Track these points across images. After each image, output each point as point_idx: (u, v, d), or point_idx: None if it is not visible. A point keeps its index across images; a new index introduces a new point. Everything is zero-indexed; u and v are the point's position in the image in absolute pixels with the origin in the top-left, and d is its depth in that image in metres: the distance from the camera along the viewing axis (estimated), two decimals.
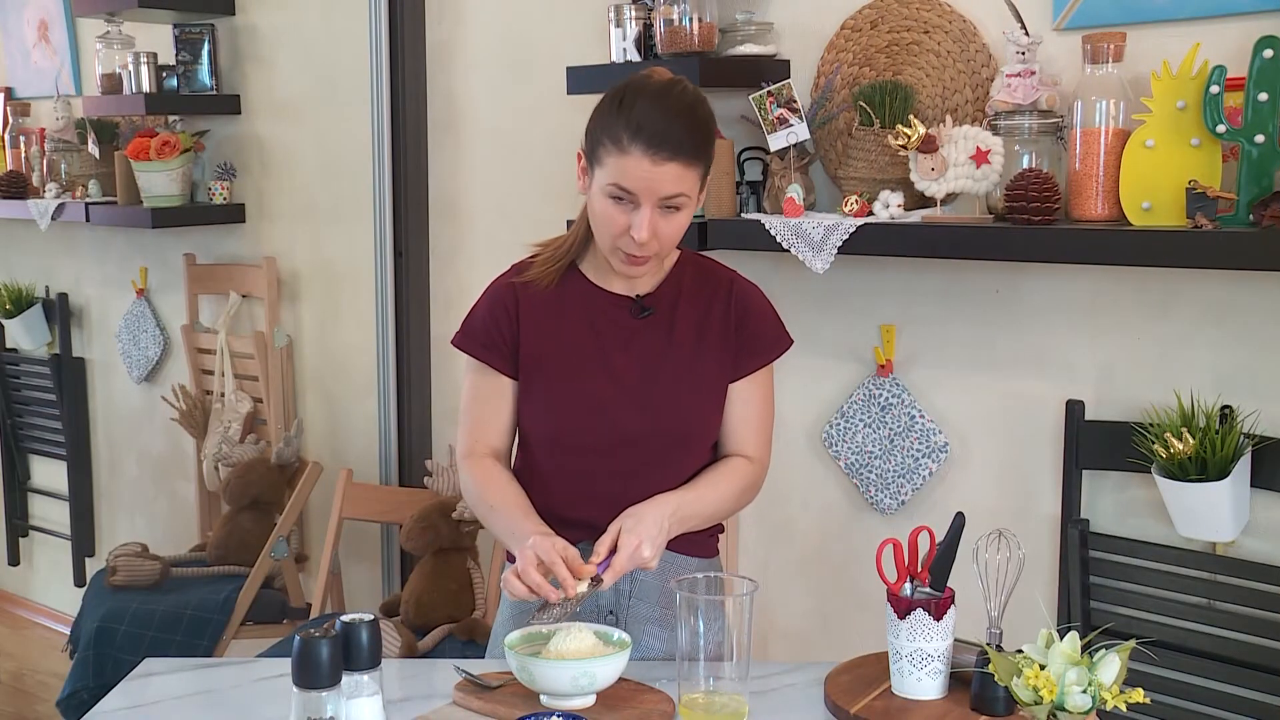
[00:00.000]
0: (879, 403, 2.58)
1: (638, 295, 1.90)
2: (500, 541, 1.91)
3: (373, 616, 1.42)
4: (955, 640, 1.67)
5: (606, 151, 1.76)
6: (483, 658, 2.15)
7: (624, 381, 1.87)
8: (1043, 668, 1.46)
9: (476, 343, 1.92)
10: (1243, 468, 2.09)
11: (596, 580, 1.74)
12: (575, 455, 1.88)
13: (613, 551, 1.75)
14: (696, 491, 1.88)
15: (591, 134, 1.80)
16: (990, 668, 1.52)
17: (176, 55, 3.77)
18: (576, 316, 1.90)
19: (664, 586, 1.91)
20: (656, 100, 1.76)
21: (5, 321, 4.57)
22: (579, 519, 1.87)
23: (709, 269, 1.96)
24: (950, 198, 2.28)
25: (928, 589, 1.67)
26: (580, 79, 2.70)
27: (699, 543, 1.95)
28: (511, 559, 1.86)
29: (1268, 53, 1.94)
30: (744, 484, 1.93)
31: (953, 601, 1.65)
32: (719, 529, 2.01)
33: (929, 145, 2.25)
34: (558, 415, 1.88)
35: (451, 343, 1.97)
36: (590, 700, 1.66)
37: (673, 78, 1.82)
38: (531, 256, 1.96)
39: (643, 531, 1.77)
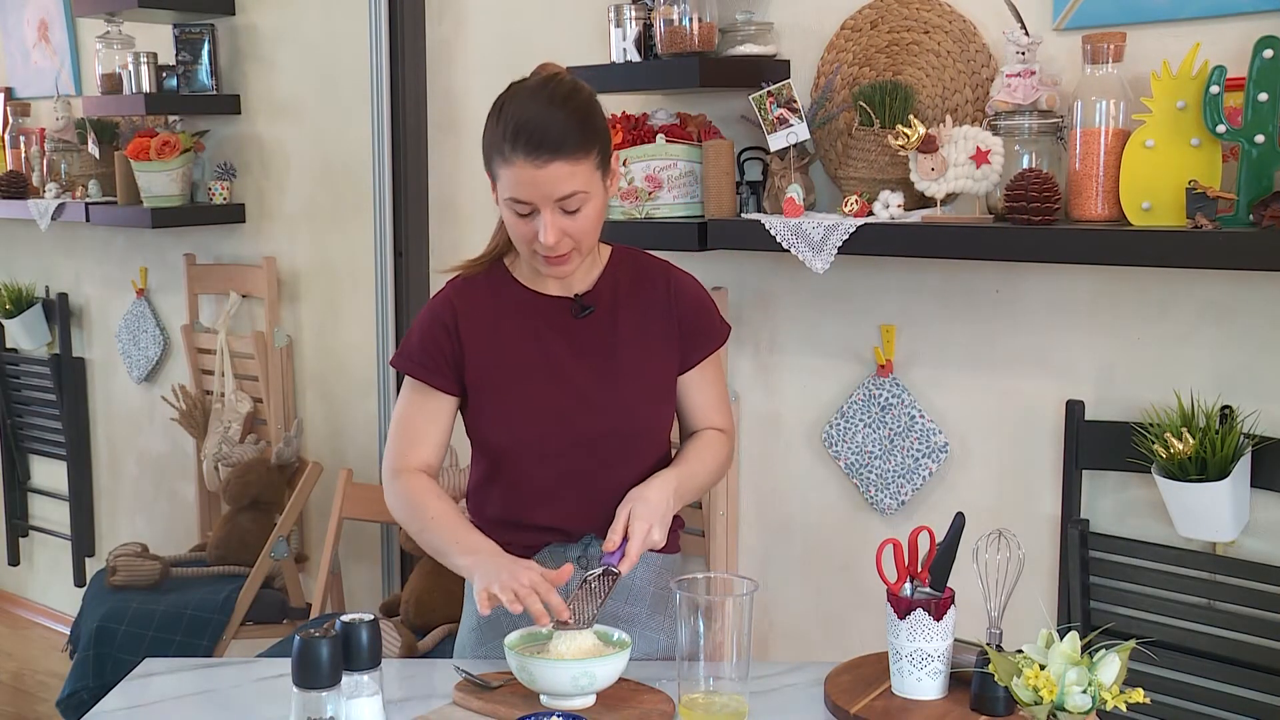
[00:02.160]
0: (879, 403, 2.58)
1: (576, 295, 1.90)
2: (434, 553, 1.86)
3: (373, 616, 1.42)
4: (955, 640, 1.67)
5: (496, 165, 1.76)
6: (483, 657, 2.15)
7: (574, 385, 1.87)
8: (1043, 668, 1.46)
9: (414, 362, 1.90)
10: (1243, 468, 2.09)
11: (613, 574, 1.74)
12: (534, 462, 1.88)
13: (625, 539, 1.76)
14: (689, 467, 1.90)
15: (484, 150, 1.79)
16: (990, 668, 1.52)
17: (176, 55, 3.78)
18: (517, 324, 1.88)
19: (634, 586, 1.92)
20: (529, 101, 1.74)
21: (5, 321, 4.57)
22: (543, 524, 1.89)
23: (644, 262, 1.96)
24: (950, 198, 2.28)
25: (928, 589, 1.67)
26: (580, 79, 2.70)
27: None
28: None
29: (1268, 53, 1.94)
30: (723, 454, 1.98)
31: (953, 601, 1.65)
32: (680, 523, 2.02)
33: (929, 145, 2.25)
34: (512, 425, 1.87)
35: (390, 363, 1.96)
36: (590, 700, 1.67)
37: (549, 74, 1.80)
38: (460, 274, 1.94)
39: (651, 515, 1.78)
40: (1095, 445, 2.29)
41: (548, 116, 1.72)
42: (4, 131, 4.43)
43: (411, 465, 1.90)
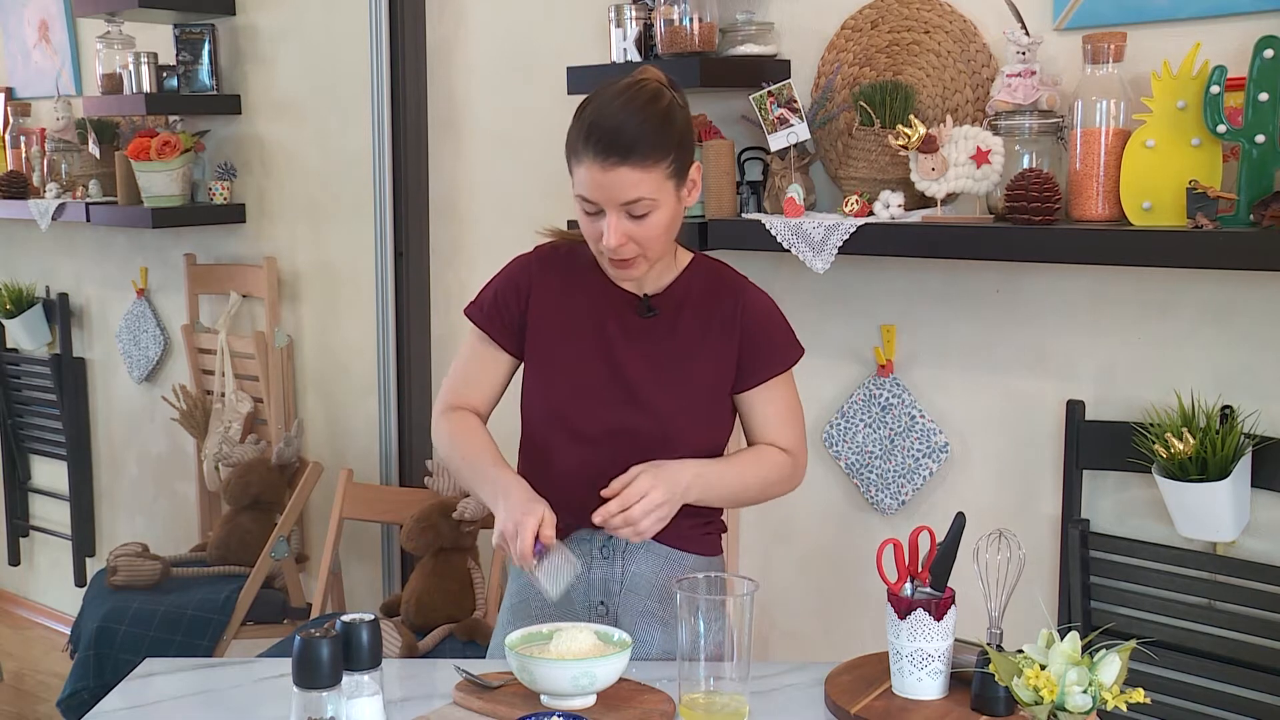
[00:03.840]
0: (879, 403, 2.58)
1: (645, 295, 1.91)
2: (471, 490, 1.93)
3: (373, 616, 1.42)
4: (956, 640, 1.67)
5: (572, 163, 1.78)
6: (483, 658, 2.15)
7: (622, 377, 1.88)
8: (1043, 668, 1.46)
9: (483, 314, 1.96)
10: (1243, 468, 2.09)
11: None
12: (568, 443, 1.90)
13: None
14: (718, 466, 1.89)
15: (568, 136, 1.80)
16: (991, 668, 1.52)
17: (177, 55, 3.78)
18: (586, 307, 1.91)
19: (656, 580, 1.92)
20: (609, 103, 1.75)
21: (5, 321, 4.57)
22: (569, 506, 1.88)
23: (722, 275, 1.96)
24: (951, 198, 2.28)
25: (928, 589, 1.67)
26: (580, 79, 2.70)
27: (697, 540, 1.96)
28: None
29: (1268, 53, 1.94)
30: (772, 471, 1.94)
31: (953, 601, 1.65)
32: (721, 527, 2.01)
33: (929, 145, 2.25)
34: (555, 399, 1.90)
35: (464, 311, 1.99)
36: (590, 700, 1.67)
37: (638, 76, 1.80)
38: (553, 242, 1.98)
39: (663, 477, 1.78)
40: (1095, 445, 2.29)
41: (622, 120, 1.72)
42: (4, 131, 4.43)
43: (456, 405, 1.96)
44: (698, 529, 1.96)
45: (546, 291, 1.93)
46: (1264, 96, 1.95)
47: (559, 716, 1.56)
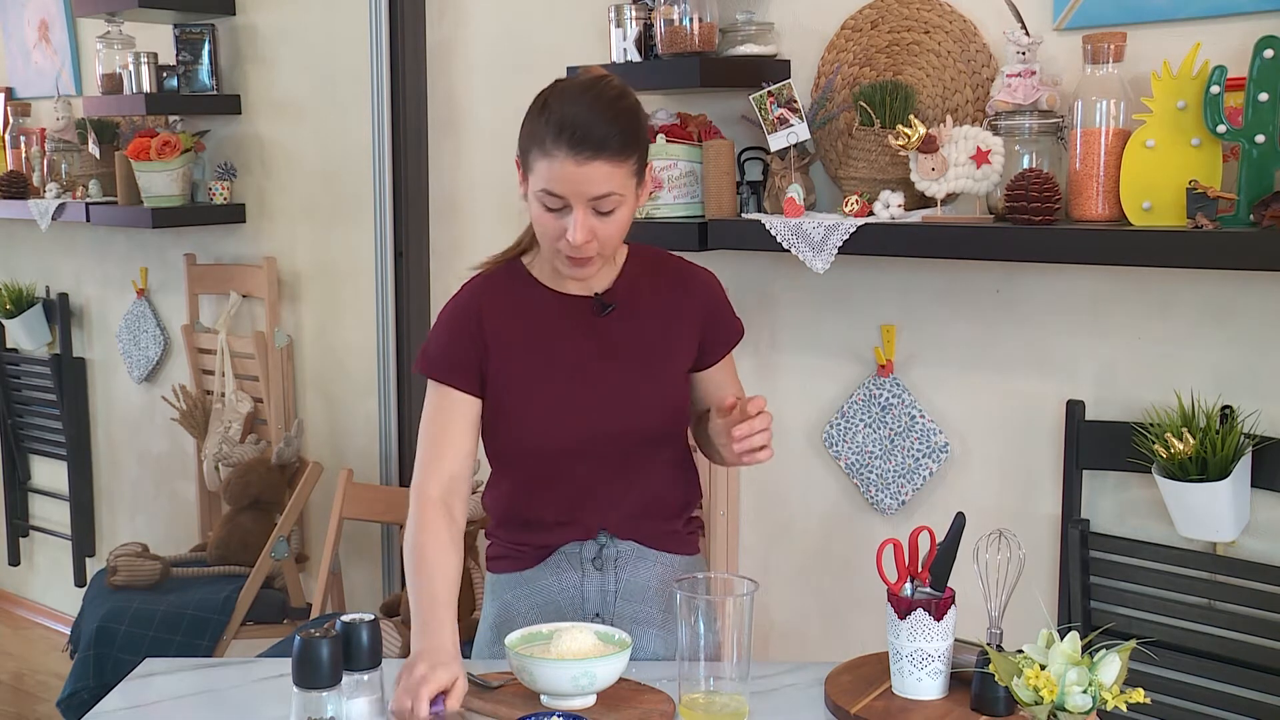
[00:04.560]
0: (879, 403, 2.58)
1: (596, 293, 1.89)
2: (415, 628, 1.77)
3: (373, 616, 1.43)
4: (955, 640, 1.67)
5: (534, 157, 1.74)
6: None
7: (596, 383, 1.86)
8: (1043, 668, 1.46)
9: (439, 366, 1.88)
10: (1243, 468, 2.09)
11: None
12: (553, 460, 1.87)
13: (442, 693, 1.62)
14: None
15: (521, 141, 1.78)
16: (990, 668, 1.52)
17: (177, 55, 3.78)
18: (539, 323, 1.87)
19: (650, 586, 1.92)
20: (578, 99, 1.73)
21: (5, 321, 4.57)
22: (560, 521, 1.89)
23: (660, 260, 1.95)
24: (951, 198, 2.28)
25: (928, 589, 1.67)
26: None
27: (683, 540, 1.97)
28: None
29: (1268, 53, 1.94)
30: None
31: (953, 601, 1.65)
32: (699, 525, 2.01)
33: (929, 145, 2.25)
34: (533, 424, 1.86)
35: (414, 369, 1.94)
36: (590, 700, 1.67)
37: (597, 75, 1.80)
38: (478, 272, 1.94)
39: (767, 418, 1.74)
40: (1095, 445, 2.29)
41: (595, 116, 1.71)
42: (4, 131, 4.43)
43: (434, 492, 1.83)
44: (684, 529, 1.97)
45: (497, 321, 1.87)
46: (1264, 96, 1.95)
47: (559, 716, 1.56)
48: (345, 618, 1.41)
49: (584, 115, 1.71)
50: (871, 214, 2.36)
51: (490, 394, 1.87)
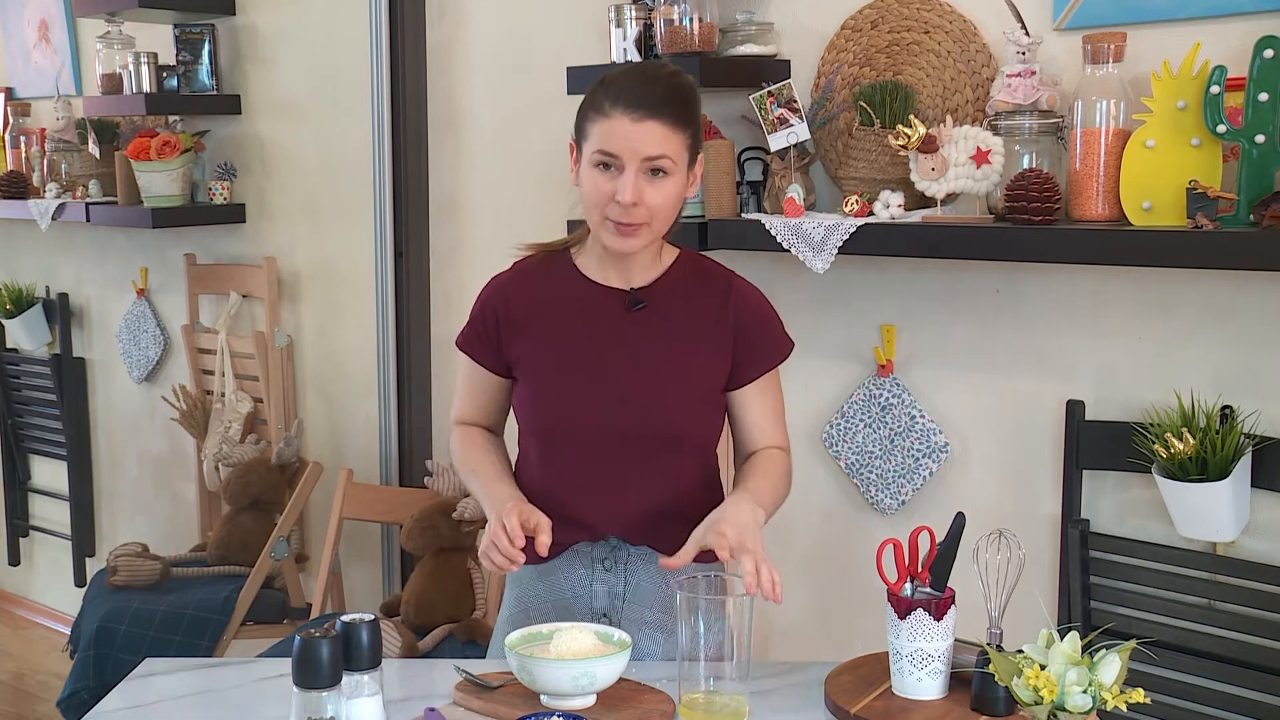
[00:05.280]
0: (879, 403, 2.58)
1: (631, 288, 1.90)
2: (482, 504, 1.94)
3: (373, 616, 1.42)
4: (955, 640, 1.67)
5: (590, 122, 1.81)
6: (483, 658, 2.15)
7: (617, 379, 1.87)
8: (1043, 668, 1.46)
9: (464, 335, 2.00)
10: (1243, 468, 2.09)
11: None
12: (568, 450, 1.89)
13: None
14: (755, 487, 1.85)
15: (578, 116, 1.85)
16: (990, 668, 1.52)
17: (177, 55, 3.78)
18: (569, 311, 1.90)
19: (659, 590, 1.91)
20: (636, 70, 1.85)
21: (5, 321, 4.57)
22: (570, 516, 1.88)
23: (707, 267, 1.96)
24: (950, 198, 2.28)
25: (928, 589, 1.67)
26: (580, 79, 2.70)
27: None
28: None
29: (1268, 53, 1.94)
30: (786, 476, 1.95)
31: (953, 601, 1.65)
32: None
33: (929, 145, 2.25)
34: (549, 411, 1.89)
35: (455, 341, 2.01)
36: (590, 700, 1.67)
37: (653, 61, 1.90)
38: (528, 255, 1.99)
39: (744, 527, 1.72)
40: (1095, 445, 2.29)
41: (653, 82, 1.81)
42: (4, 131, 4.43)
43: (466, 419, 2.02)
44: None
45: (523, 306, 1.92)
46: (1264, 96, 1.95)
47: (559, 716, 1.56)
48: (345, 618, 1.41)
49: (642, 81, 1.81)
50: (871, 214, 2.36)
51: (516, 375, 1.95)
